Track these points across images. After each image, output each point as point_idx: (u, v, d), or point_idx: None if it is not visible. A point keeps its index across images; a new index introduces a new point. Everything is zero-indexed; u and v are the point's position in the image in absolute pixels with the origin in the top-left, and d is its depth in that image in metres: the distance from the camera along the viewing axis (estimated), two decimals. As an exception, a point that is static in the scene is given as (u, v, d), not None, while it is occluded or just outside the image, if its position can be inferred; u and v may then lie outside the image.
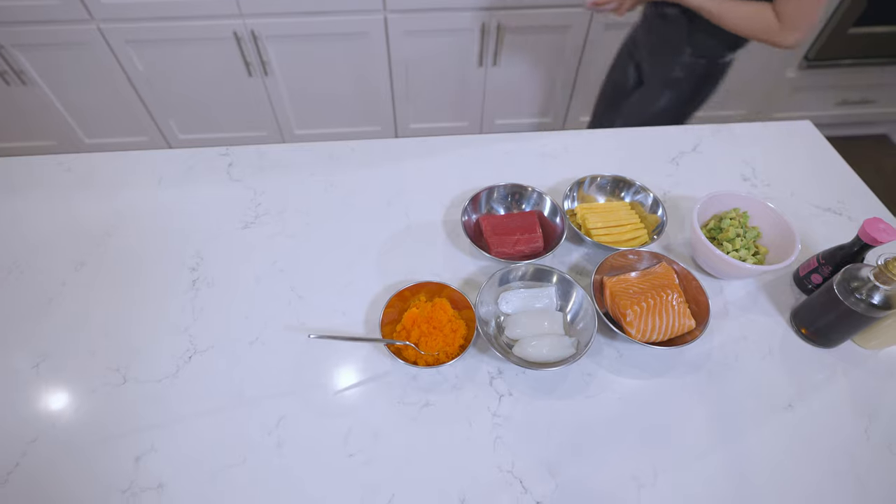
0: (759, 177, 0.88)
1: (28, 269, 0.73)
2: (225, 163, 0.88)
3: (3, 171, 0.86)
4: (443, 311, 0.64)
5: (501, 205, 0.79)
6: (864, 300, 0.59)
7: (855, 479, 0.56)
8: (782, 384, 0.63)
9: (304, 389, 0.62)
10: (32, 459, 0.56)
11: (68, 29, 1.55)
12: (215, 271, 0.73)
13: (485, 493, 0.54)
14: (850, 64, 1.96)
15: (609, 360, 0.65)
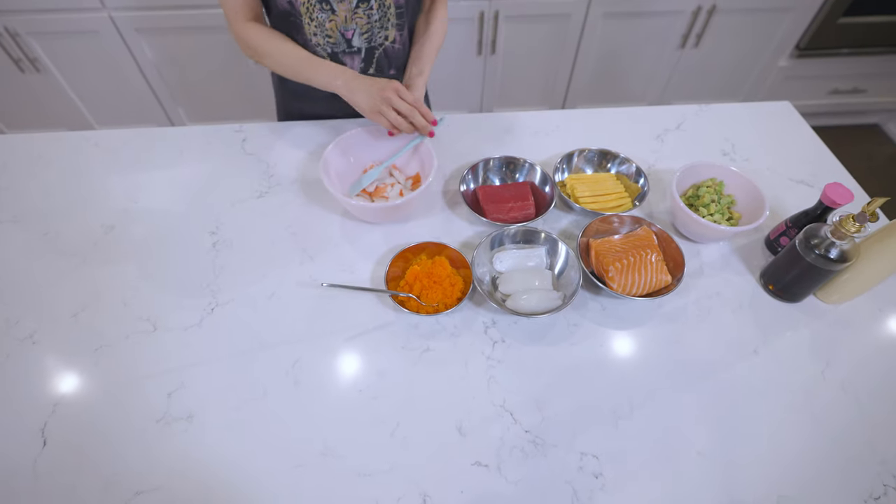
0: (738, 152, 0.94)
1: (61, 232, 0.79)
2: (239, 138, 0.94)
3: (34, 146, 0.92)
4: (442, 267, 0.71)
5: (497, 175, 0.86)
6: (822, 255, 0.65)
7: (811, 413, 0.63)
8: (750, 334, 0.70)
9: (317, 337, 0.68)
10: (77, 392, 0.63)
11: (81, 17, 1.61)
12: (233, 234, 0.79)
13: (479, 423, 0.61)
14: (841, 53, 2.01)
15: (593, 313, 0.71)
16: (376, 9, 0.81)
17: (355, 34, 0.83)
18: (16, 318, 0.69)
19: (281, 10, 0.80)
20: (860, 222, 0.60)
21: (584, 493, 0.57)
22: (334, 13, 0.80)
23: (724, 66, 2.01)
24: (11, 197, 0.84)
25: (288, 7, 0.79)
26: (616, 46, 1.88)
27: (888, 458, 0.59)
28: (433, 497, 0.56)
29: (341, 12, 0.80)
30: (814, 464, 0.59)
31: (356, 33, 0.83)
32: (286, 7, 0.79)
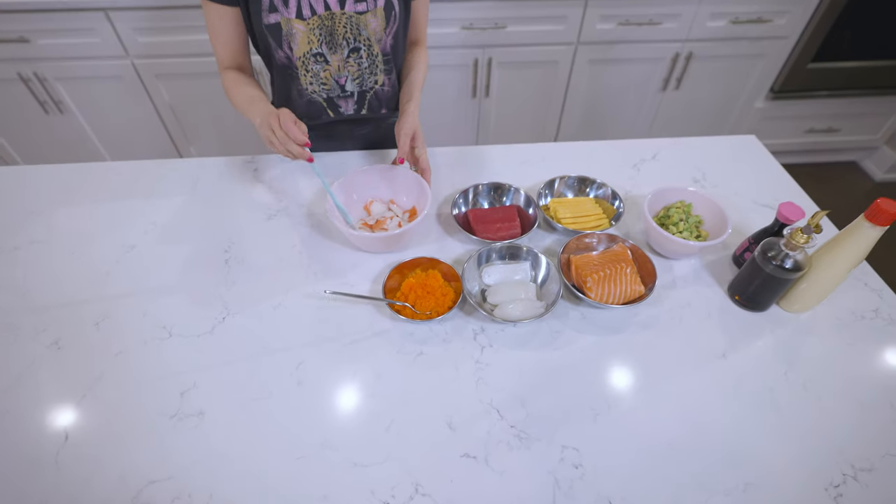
0: (708, 179, 1.02)
1: (87, 252, 0.86)
2: (251, 168, 1.03)
3: (62, 175, 1.01)
4: (435, 279, 0.78)
5: (486, 199, 0.94)
6: (779, 266, 0.72)
7: (774, 409, 0.68)
8: (718, 339, 0.76)
9: (319, 342, 0.74)
10: (97, 392, 0.68)
11: (106, 64, 1.74)
12: (244, 252, 0.86)
13: (468, 419, 0.66)
14: (813, 96, 2.15)
15: (574, 321, 0.78)
16: (366, 57, 0.91)
17: (348, 80, 0.93)
18: (43, 326, 0.75)
19: (280, 64, 0.90)
20: (807, 234, 0.68)
21: (564, 483, 0.61)
22: (328, 63, 0.90)
23: (705, 107, 2.14)
24: (42, 221, 0.92)
25: (286, 61, 0.89)
26: (602, 89, 2.02)
27: (846, 449, 0.64)
28: (424, 486, 0.60)
29: (334, 62, 0.90)
30: (777, 455, 0.64)
31: (349, 79, 0.93)
32: (284, 62, 0.90)
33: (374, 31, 0.89)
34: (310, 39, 0.87)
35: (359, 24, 0.87)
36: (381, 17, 0.88)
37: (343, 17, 0.86)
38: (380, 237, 0.81)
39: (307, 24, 0.85)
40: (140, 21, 1.63)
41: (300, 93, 0.94)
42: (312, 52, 0.88)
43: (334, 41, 0.88)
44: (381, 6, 0.87)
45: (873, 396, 0.70)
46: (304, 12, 0.83)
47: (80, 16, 1.59)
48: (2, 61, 1.68)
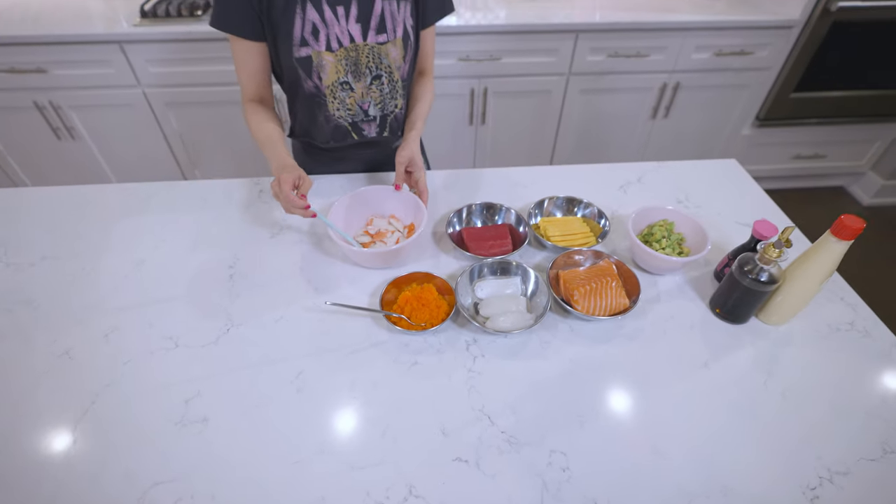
0: (691, 200, 1.07)
1: (97, 267, 0.90)
2: (256, 189, 1.08)
3: (75, 196, 1.06)
4: (430, 293, 0.82)
5: (479, 218, 0.99)
6: (755, 279, 0.76)
7: (753, 417, 0.71)
8: (700, 350, 0.79)
9: (318, 353, 0.78)
10: (105, 398, 0.71)
11: (118, 93, 1.82)
12: (248, 268, 0.90)
13: (460, 425, 0.69)
14: (797, 123, 2.23)
15: (562, 333, 0.81)
16: (387, 84, 0.99)
17: (371, 105, 1.01)
18: (54, 337, 0.79)
19: (308, 93, 0.97)
20: (778, 248, 0.72)
21: (552, 485, 0.64)
22: (353, 90, 0.98)
23: (694, 134, 2.22)
24: (55, 238, 0.96)
25: (314, 90, 0.96)
26: (594, 117, 2.10)
27: (823, 454, 0.67)
28: (418, 488, 0.63)
29: (359, 89, 0.98)
30: (756, 459, 0.66)
31: (371, 104, 1.01)
32: (312, 90, 0.96)
33: (394, 60, 0.97)
34: (337, 69, 0.94)
35: (380, 53, 0.95)
36: (400, 46, 0.96)
37: (366, 48, 0.93)
38: (377, 253, 0.86)
39: (335, 56, 0.92)
40: (152, 53, 1.72)
41: (327, 118, 1.01)
42: (339, 81, 0.96)
43: (359, 70, 0.96)
44: (400, 37, 0.95)
45: (849, 404, 0.73)
46: (332, 45, 0.91)
47: (95, 48, 1.68)
48: (19, 90, 1.76)
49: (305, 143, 1.11)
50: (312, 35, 0.89)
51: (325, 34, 0.90)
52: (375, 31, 0.92)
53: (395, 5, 0.92)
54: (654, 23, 1.82)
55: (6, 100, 1.78)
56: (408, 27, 0.95)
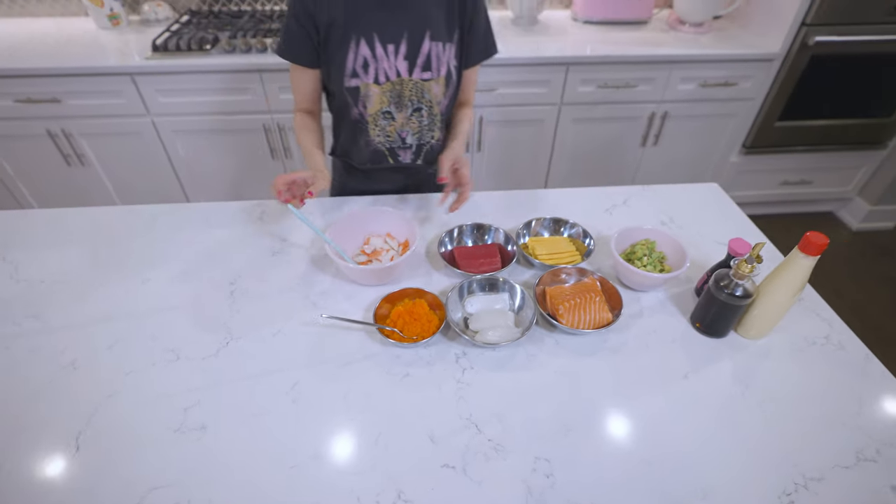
0: (674, 221, 1.12)
1: (105, 284, 0.94)
2: (259, 211, 1.13)
3: (86, 218, 1.10)
4: (421, 307, 0.85)
5: (469, 238, 1.03)
6: (731, 294, 0.80)
7: (732, 425, 0.73)
8: (681, 363, 0.82)
9: (314, 365, 0.81)
10: (108, 407, 0.74)
11: (128, 121, 1.90)
12: (249, 285, 0.94)
13: (449, 433, 0.72)
14: (783, 151, 2.30)
15: (548, 346, 0.84)
16: (426, 116, 1.08)
17: (409, 135, 1.09)
18: (62, 349, 0.82)
19: (353, 119, 1.06)
20: (750, 263, 0.76)
21: (536, 491, 0.66)
22: (394, 120, 1.06)
23: (683, 161, 2.29)
24: (64, 257, 1.00)
25: (359, 117, 1.06)
26: (586, 145, 2.17)
27: (799, 462, 0.69)
28: (406, 492, 0.65)
29: (399, 119, 1.06)
30: (734, 467, 0.69)
31: (409, 134, 1.09)
32: (357, 117, 1.06)
33: (435, 95, 1.05)
34: (382, 100, 1.03)
35: (423, 89, 1.03)
36: (443, 84, 1.04)
37: (410, 83, 1.02)
38: (372, 270, 0.90)
39: (381, 88, 1.01)
40: (162, 84, 1.80)
41: (367, 143, 1.10)
42: (382, 111, 1.04)
43: (401, 102, 1.04)
44: (444, 75, 1.03)
45: (824, 414, 0.75)
46: (380, 78, 1.00)
47: (108, 79, 1.77)
48: (33, 119, 1.84)
49: (345, 162, 1.21)
50: (363, 68, 0.98)
51: (374, 68, 0.99)
52: (421, 69, 1.01)
53: (440, 47, 1.00)
54: (641, 56, 1.91)
55: (20, 128, 1.86)
56: (451, 67, 1.03)
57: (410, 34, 0.98)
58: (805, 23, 1.90)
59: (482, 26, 1.06)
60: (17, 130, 1.86)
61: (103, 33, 1.98)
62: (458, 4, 1.00)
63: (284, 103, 1.89)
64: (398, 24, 0.97)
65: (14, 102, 1.79)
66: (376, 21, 0.96)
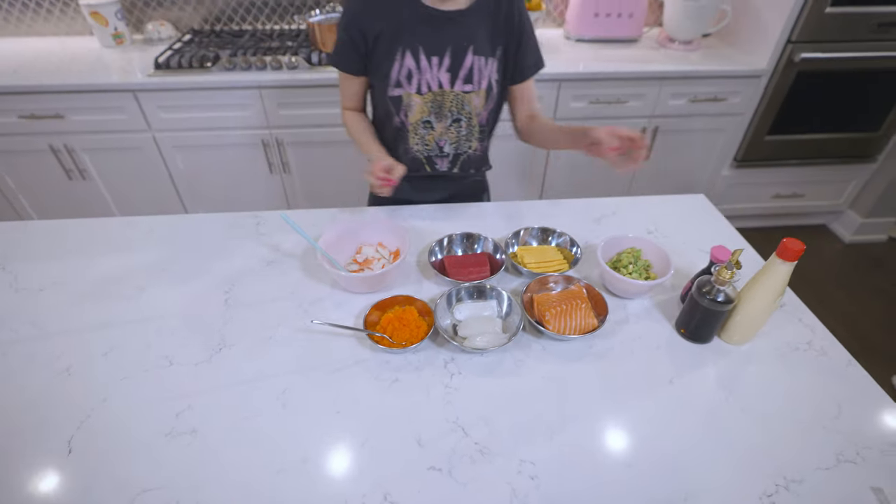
0: (660, 231, 1.14)
1: (102, 293, 0.96)
2: (254, 222, 1.15)
3: (80, 229, 1.13)
4: (410, 314, 0.87)
5: (459, 247, 1.05)
6: (713, 299, 0.82)
7: (715, 429, 0.75)
8: (666, 368, 0.84)
9: (304, 370, 0.82)
10: (101, 412, 0.75)
11: (130, 137, 1.94)
12: (242, 293, 0.96)
13: (436, 436, 0.73)
14: (773, 164, 2.34)
15: (535, 352, 0.86)
16: (465, 127, 1.12)
17: (446, 143, 1.13)
18: (57, 355, 0.84)
19: (395, 126, 1.11)
20: (730, 269, 0.78)
21: (521, 492, 0.67)
22: (433, 129, 1.10)
23: (676, 174, 2.32)
24: (62, 267, 1.02)
25: (400, 125, 1.10)
26: (580, 158, 2.19)
27: (780, 464, 0.70)
28: (393, 494, 0.66)
29: (438, 129, 1.11)
30: (717, 469, 0.70)
31: (447, 143, 1.13)
32: (398, 125, 1.11)
33: (475, 107, 1.09)
34: (423, 110, 1.08)
35: (463, 101, 1.07)
36: (483, 97, 1.08)
37: (451, 95, 1.06)
38: (362, 277, 0.92)
39: (423, 98, 1.06)
40: (164, 100, 1.84)
41: (406, 150, 1.15)
42: (423, 120, 1.09)
43: (441, 112, 1.08)
44: (484, 88, 1.07)
45: (806, 417, 0.77)
46: (422, 89, 1.05)
47: (111, 96, 1.81)
48: (37, 134, 1.88)
49: None
50: (406, 78, 1.04)
51: (417, 79, 1.04)
52: (463, 81, 1.05)
53: (482, 61, 1.04)
54: (632, 72, 1.96)
55: (24, 143, 1.89)
56: (492, 81, 1.07)
57: (454, 48, 1.02)
58: (790, 40, 1.95)
59: (531, 42, 1.10)
60: (20, 146, 1.90)
61: (107, 52, 2.03)
62: (504, 22, 1.05)
63: (283, 119, 1.93)
64: (442, 39, 1.02)
65: (18, 118, 1.83)
66: (422, 34, 1.01)
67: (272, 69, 1.86)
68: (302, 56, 1.90)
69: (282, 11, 2.22)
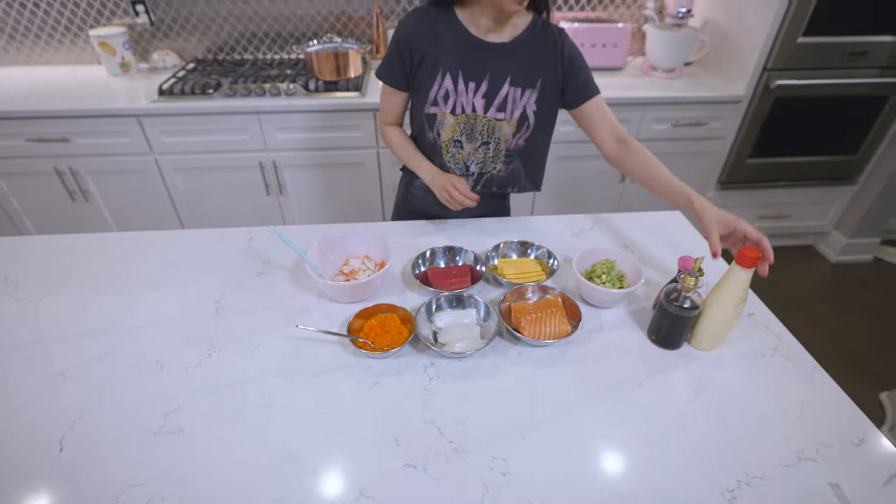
0: (636, 244, 1.19)
1: (100, 303, 1.00)
2: (247, 237, 1.20)
3: (80, 243, 1.18)
4: (392, 321, 0.91)
5: (442, 259, 1.10)
6: (680, 306, 0.86)
7: (682, 429, 0.78)
8: (637, 372, 0.87)
9: (290, 374, 0.86)
10: (92, 413, 0.79)
11: (132, 159, 2.01)
12: (233, 302, 1.00)
13: (413, 436, 0.76)
14: (757, 186, 2.40)
15: (512, 358, 0.89)
16: (492, 150, 1.18)
17: (473, 163, 1.20)
18: (52, 359, 0.87)
19: (428, 141, 1.19)
20: (693, 276, 0.83)
21: (493, 487, 0.70)
22: (463, 149, 1.17)
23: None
24: (61, 279, 1.07)
25: (433, 141, 1.18)
26: (569, 180, 2.27)
27: (744, 461, 0.73)
28: (369, 489, 0.69)
29: (467, 149, 1.18)
30: (683, 466, 0.73)
31: (474, 163, 1.20)
32: (431, 141, 1.18)
33: (504, 134, 1.16)
34: (455, 129, 1.15)
35: (494, 127, 1.14)
36: (514, 125, 1.15)
37: (483, 119, 1.13)
38: (347, 286, 0.96)
39: (456, 119, 1.13)
40: (166, 125, 1.92)
41: (440, 165, 1.22)
42: (454, 139, 1.16)
43: (472, 135, 1.15)
44: (516, 118, 1.13)
45: (770, 418, 0.80)
46: (456, 110, 1.12)
47: (116, 120, 1.89)
48: (43, 157, 1.95)
49: (413, 178, 1.32)
50: (443, 98, 1.12)
51: (453, 100, 1.11)
52: (496, 109, 1.12)
53: (518, 92, 1.11)
54: (617, 98, 2.04)
55: (31, 166, 1.96)
56: (528, 112, 1.13)
57: (492, 77, 1.09)
58: (766, 68, 2.04)
59: (584, 71, 1.13)
60: (27, 168, 1.97)
61: (114, 79, 2.13)
62: (549, 56, 1.10)
63: (280, 142, 2.01)
64: (483, 66, 1.09)
65: (25, 142, 1.90)
66: (464, 59, 1.09)
67: (271, 95, 1.94)
68: (300, 83, 1.99)
69: (282, 42, 2.33)
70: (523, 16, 1.11)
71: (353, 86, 1.99)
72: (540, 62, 1.11)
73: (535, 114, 1.15)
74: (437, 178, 1.16)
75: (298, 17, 2.27)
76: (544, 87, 1.13)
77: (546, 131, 1.22)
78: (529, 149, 1.21)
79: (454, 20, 1.09)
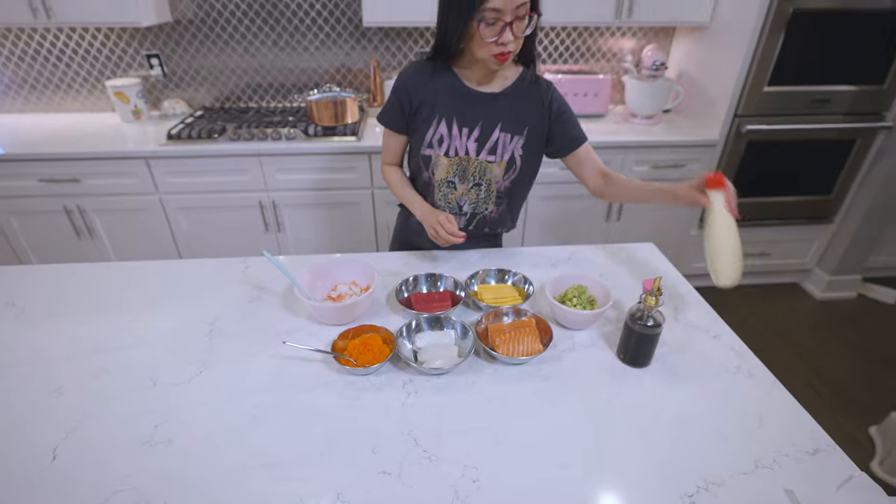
0: (610, 272, 1.26)
1: (100, 324, 1.06)
2: (242, 266, 1.27)
3: (81, 272, 1.25)
4: (374, 340, 0.96)
5: (424, 285, 1.16)
6: (643, 324, 0.92)
7: (646, 439, 0.82)
8: (606, 388, 0.92)
9: (276, 390, 0.90)
10: (85, 425, 0.83)
11: (138, 199, 2.11)
12: (225, 325, 1.06)
13: (389, 445, 0.80)
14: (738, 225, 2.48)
15: (487, 375, 0.94)
16: (484, 191, 1.27)
17: (466, 203, 1.28)
18: (50, 376, 0.92)
19: (423, 181, 1.28)
20: (653, 296, 0.89)
21: (463, 493, 0.73)
22: (456, 189, 1.26)
23: (647, 234, 2.46)
24: (63, 304, 1.13)
25: (427, 181, 1.26)
26: (556, 219, 2.37)
27: (703, 469, 0.77)
28: (345, 494, 0.73)
29: (460, 189, 1.26)
30: (645, 474, 0.76)
31: (467, 203, 1.28)
32: (426, 181, 1.27)
33: (495, 175, 1.24)
34: (448, 171, 1.23)
35: (485, 168, 1.23)
36: (503, 167, 1.23)
37: (475, 161, 1.22)
38: (333, 307, 1.02)
39: (450, 161, 1.22)
40: (173, 166, 2.03)
41: (433, 203, 1.30)
42: (447, 180, 1.24)
43: (465, 176, 1.24)
44: (506, 161, 1.22)
45: (730, 430, 0.84)
46: (450, 153, 1.21)
47: (125, 162, 2.00)
48: (53, 196, 2.05)
49: (407, 215, 1.40)
50: (438, 142, 1.20)
51: (447, 144, 1.20)
52: (487, 152, 1.21)
53: (508, 137, 1.21)
54: (599, 142, 2.17)
55: (41, 205, 2.06)
56: (516, 155, 1.22)
57: (484, 123, 1.19)
58: (737, 114, 2.18)
59: (572, 120, 1.26)
60: (37, 206, 2.07)
61: (126, 125, 2.27)
62: (536, 107, 1.21)
63: (279, 183, 2.12)
64: (475, 113, 1.19)
65: (38, 182, 2.01)
66: (458, 107, 1.18)
67: (272, 139, 2.07)
68: (300, 129, 2.12)
69: (285, 91, 2.49)
70: (512, 69, 1.22)
71: (349, 131, 2.13)
72: (527, 112, 1.22)
73: (521, 157, 1.24)
74: (427, 216, 1.22)
75: (301, 70, 2.44)
76: (530, 135, 1.23)
77: (530, 175, 1.32)
78: (513, 190, 1.30)
79: (449, 72, 1.19)
